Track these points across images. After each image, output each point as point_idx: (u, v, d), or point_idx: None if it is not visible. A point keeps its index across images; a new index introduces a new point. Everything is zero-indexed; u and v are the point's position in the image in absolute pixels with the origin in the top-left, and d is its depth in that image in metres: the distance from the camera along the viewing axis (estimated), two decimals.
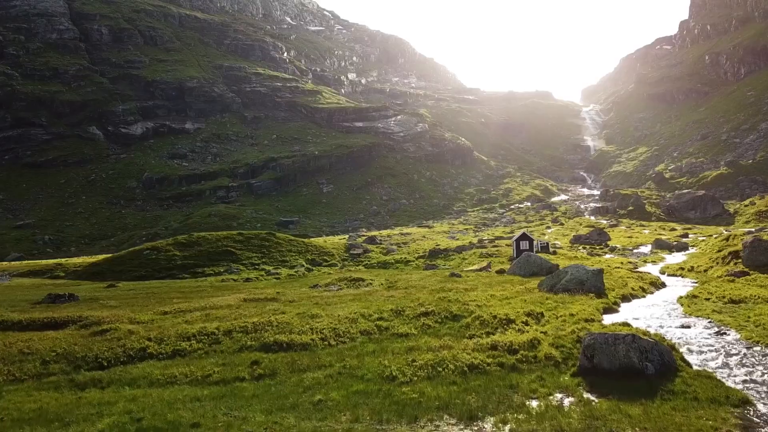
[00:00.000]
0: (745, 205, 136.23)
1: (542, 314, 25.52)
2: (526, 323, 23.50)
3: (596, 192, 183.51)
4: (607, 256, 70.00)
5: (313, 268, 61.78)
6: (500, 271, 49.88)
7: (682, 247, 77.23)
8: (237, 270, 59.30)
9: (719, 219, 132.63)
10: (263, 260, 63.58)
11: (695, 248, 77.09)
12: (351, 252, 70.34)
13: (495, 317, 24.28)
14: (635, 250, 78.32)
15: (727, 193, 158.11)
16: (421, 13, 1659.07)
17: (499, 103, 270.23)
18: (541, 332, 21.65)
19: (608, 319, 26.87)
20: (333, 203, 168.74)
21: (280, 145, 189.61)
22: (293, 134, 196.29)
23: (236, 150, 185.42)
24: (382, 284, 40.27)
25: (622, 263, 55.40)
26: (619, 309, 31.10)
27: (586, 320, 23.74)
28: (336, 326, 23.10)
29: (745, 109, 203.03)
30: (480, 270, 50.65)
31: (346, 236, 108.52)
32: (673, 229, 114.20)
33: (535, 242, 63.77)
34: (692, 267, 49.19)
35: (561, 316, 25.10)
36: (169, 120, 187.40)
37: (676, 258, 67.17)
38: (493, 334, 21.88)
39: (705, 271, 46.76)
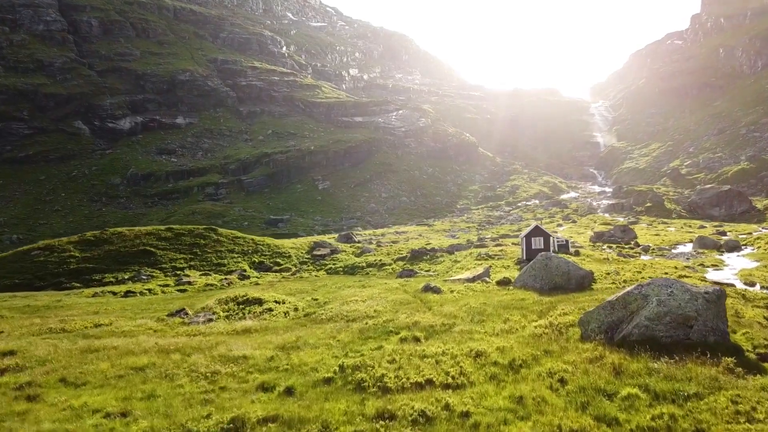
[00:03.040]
0: None
1: None
2: None
3: (608, 189, 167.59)
4: (644, 257, 52.07)
5: (255, 274, 44.19)
6: (503, 282, 31.85)
7: (734, 247, 59.31)
8: (147, 277, 42.09)
9: (747, 216, 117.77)
10: (191, 263, 46.24)
11: (750, 248, 59.50)
12: (314, 253, 52.60)
13: None
14: (674, 251, 60.44)
15: (749, 189, 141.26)
16: (426, 11, 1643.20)
17: (505, 100, 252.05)
18: None
19: None
20: (328, 201, 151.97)
21: (275, 141, 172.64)
22: (290, 129, 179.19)
23: (229, 145, 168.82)
24: (290, 311, 23.24)
25: (677, 268, 37.07)
26: None
27: None
28: None
29: (764, 102, 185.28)
30: (472, 280, 32.67)
31: (336, 235, 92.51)
32: (702, 227, 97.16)
33: (551, 239, 45.40)
34: None
35: None
36: (159, 114, 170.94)
37: (735, 260, 49.61)
38: None
39: None
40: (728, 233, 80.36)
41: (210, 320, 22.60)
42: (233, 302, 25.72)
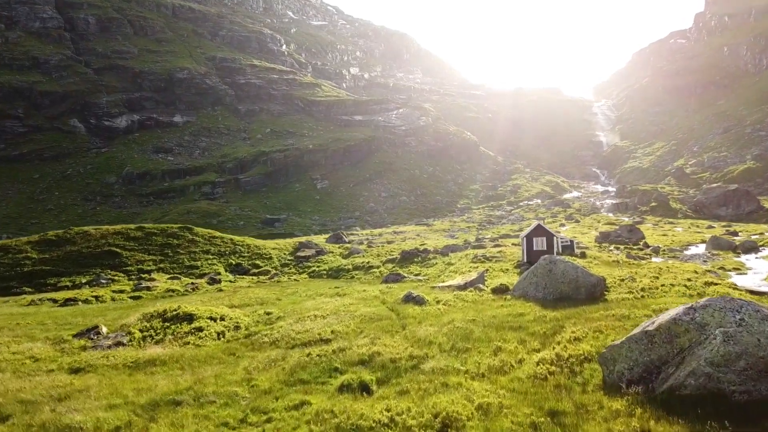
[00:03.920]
0: None
1: None
2: None
3: (611, 188, 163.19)
4: (656, 259, 47.54)
5: (230, 278, 39.73)
6: (500, 290, 27.21)
7: (750, 248, 54.77)
8: (106, 281, 37.74)
9: (755, 216, 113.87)
10: (161, 265, 41.82)
11: None
12: (298, 255, 48.08)
13: None
14: (687, 252, 55.81)
15: (756, 189, 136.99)
16: (427, 10, 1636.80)
17: (508, 99, 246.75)
18: None
19: None
20: (327, 200, 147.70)
21: (273, 139, 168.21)
22: (288, 128, 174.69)
23: (227, 144, 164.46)
24: (227, 331, 18.66)
25: (697, 272, 32.40)
26: None
27: None
28: None
29: None
30: (464, 287, 28.02)
31: (329, 235, 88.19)
32: (711, 227, 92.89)
33: (555, 239, 40.64)
34: None
35: None
36: (156, 113, 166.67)
37: (755, 263, 45.82)
38: None
39: None
40: (740, 233, 75.97)
41: (119, 344, 18.12)
42: (159, 318, 21.05)
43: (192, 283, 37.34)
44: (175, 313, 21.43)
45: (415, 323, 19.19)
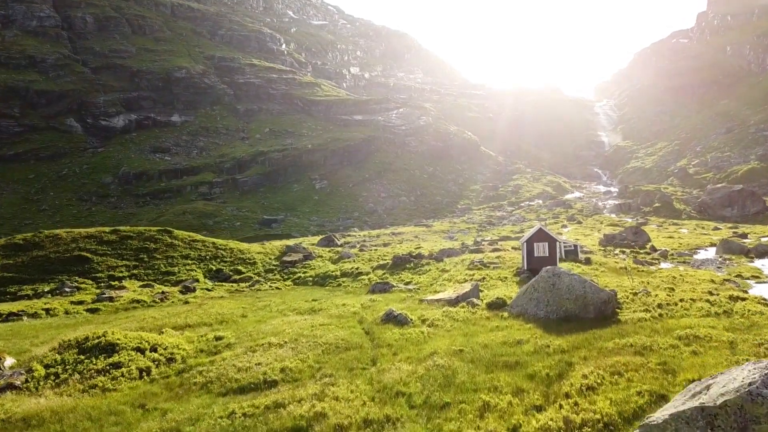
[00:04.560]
0: None
1: None
2: None
3: (613, 189, 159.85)
4: (665, 264, 44.27)
5: (208, 285, 36.58)
6: (496, 305, 23.72)
7: (765, 252, 51.95)
8: (71, 289, 34.68)
9: (762, 217, 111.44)
10: (134, 272, 38.71)
11: None
12: (284, 259, 44.83)
13: None
14: (697, 256, 52.49)
15: (761, 189, 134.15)
16: (428, 10, 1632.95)
17: (509, 99, 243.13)
18: None
19: None
20: (326, 200, 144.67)
21: (272, 139, 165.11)
22: (287, 128, 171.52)
23: (225, 144, 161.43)
24: (155, 366, 15.54)
25: (713, 281, 29.01)
26: None
27: None
28: None
29: None
30: (455, 301, 24.63)
31: (322, 237, 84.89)
32: (717, 228, 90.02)
33: (558, 244, 37.11)
34: None
35: None
36: (154, 112, 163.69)
37: None
38: None
39: None
40: (749, 236, 72.62)
41: (9, 387, 14.60)
42: (75, 349, 17.46)
43: (162, 293, 33.91)
44: (97, 341, 17.50)
45: (389, 355, 15.91)
